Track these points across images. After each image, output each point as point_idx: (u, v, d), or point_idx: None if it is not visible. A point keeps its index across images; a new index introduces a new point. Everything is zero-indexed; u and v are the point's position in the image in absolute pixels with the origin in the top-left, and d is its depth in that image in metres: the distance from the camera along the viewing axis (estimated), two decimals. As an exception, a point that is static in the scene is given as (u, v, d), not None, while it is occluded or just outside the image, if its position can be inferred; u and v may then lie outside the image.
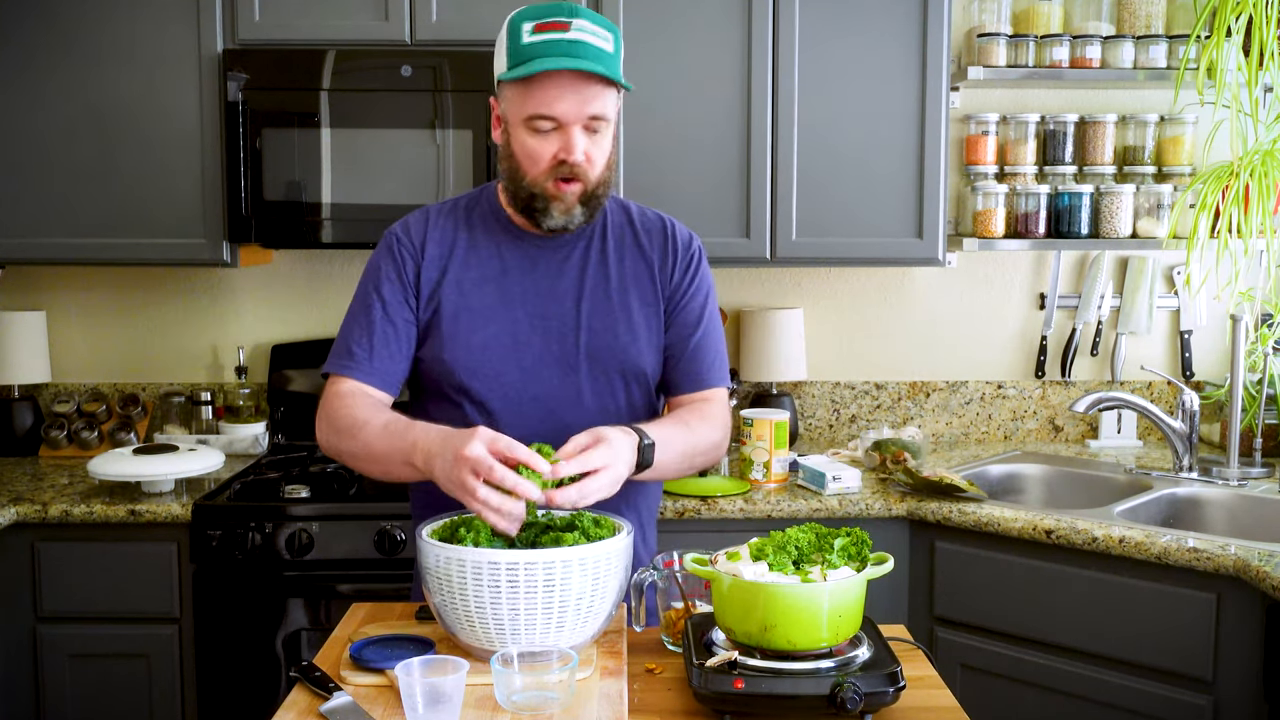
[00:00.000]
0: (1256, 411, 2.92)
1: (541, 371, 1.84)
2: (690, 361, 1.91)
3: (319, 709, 1.45)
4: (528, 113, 1.73)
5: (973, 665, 2.54)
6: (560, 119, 1.73)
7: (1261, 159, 2.80)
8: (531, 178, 1.77)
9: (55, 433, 3.06)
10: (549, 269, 1.86)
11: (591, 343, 1.85)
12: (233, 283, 3.26)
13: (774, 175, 2.88)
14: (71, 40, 2.82)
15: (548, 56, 1.70)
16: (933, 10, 2.84)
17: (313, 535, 2.57)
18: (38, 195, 2.86)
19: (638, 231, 1.92)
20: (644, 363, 1.89)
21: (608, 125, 1.77)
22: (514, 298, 1.85)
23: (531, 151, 1.75)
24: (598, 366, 1.86)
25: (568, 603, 1.49)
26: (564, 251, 1.87)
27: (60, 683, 2.63)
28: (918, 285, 3.31)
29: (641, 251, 1.91)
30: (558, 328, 1.85)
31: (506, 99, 1.77)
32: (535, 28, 1.72)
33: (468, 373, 1.83)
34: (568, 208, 1.78)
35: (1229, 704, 2.20)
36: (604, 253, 1.89)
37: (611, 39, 1.75)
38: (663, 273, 1.90)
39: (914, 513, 2.61)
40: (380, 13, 2.81)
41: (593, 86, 1.72)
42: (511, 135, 1.78)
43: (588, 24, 1.72)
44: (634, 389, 1.90)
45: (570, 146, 1.74)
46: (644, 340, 1.88)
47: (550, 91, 1.71)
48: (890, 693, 1.45)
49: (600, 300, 1.87)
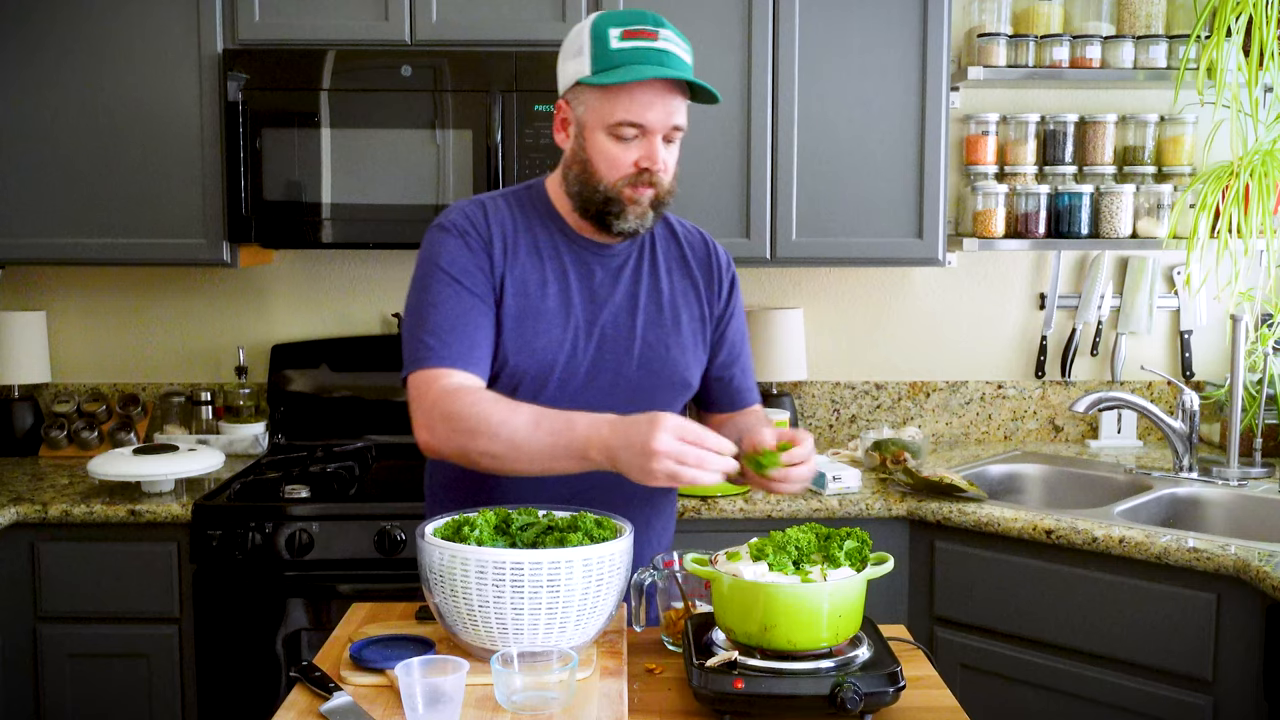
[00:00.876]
0: (1256, 411, 2.92)
1: (595, 379, 1.83)
2: (740, 380, 1.97)
3: (319, 709, 1.45)
4: (615, 119, 1.72)
5: (973, 665, 2.54)
6: (648, 127, 1.72)
7: (1261, 159, 2.80)
8: (609, 183, 1.76)
9: (55, 433, 3.06)
10: (606, 278, 1.85)
11: (644, 355, 1.85)
12: (233, 283, 3.26)
13: (774, 175, 2.88)
14: (71, 40, 2.82)
15: (642, 64, 1.69)
16: (933, 10, 2.84)
17: (313, 535, 2.57)
18: (38, 195, 2.86)
19: (683, 246, 1.93)
20: (691, 377, 1.91)
21: (681, 135, 1.79)
22: (575, 304, 1.83)
23: (613, 157, 1.74)
24: (649, 378, 1.86)
25: (570, 603, 1.49)
26: (618, 261, 1.86)
27: (60, 683, 2.63)
28: (918, 285, 3.31)
29: (688, 268, 1.92)
30: (613, 336, 1.84)
31: (586, 103, 1.75)
32: (625, 34, 1.70)
33: (523, 376, 1.80)
34: (642, 211, 1.77)
35: (1229, 704, 2.20)
36: (655, 265, 1.89)
37: (690, 51, 1.76)
38: (709, 292, 1.92)
39: (914, 513, 2.61)
40: (380, 13, 2.81)
41: (677, 98, 1.74)
42: (588, 140, 1.76)
43: (673, 34, 1.73)
44: (678, 402, 1.92)
45: (653, 155, 1.74)
46: (691, 355, 1.90)
47: (641, 99, 1.71)
48: (890, 693, 1.45)
49: (654, 313, 1.87)
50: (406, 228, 2.79)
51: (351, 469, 2.84)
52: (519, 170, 2.76)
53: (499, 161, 2.76)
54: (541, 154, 2.76)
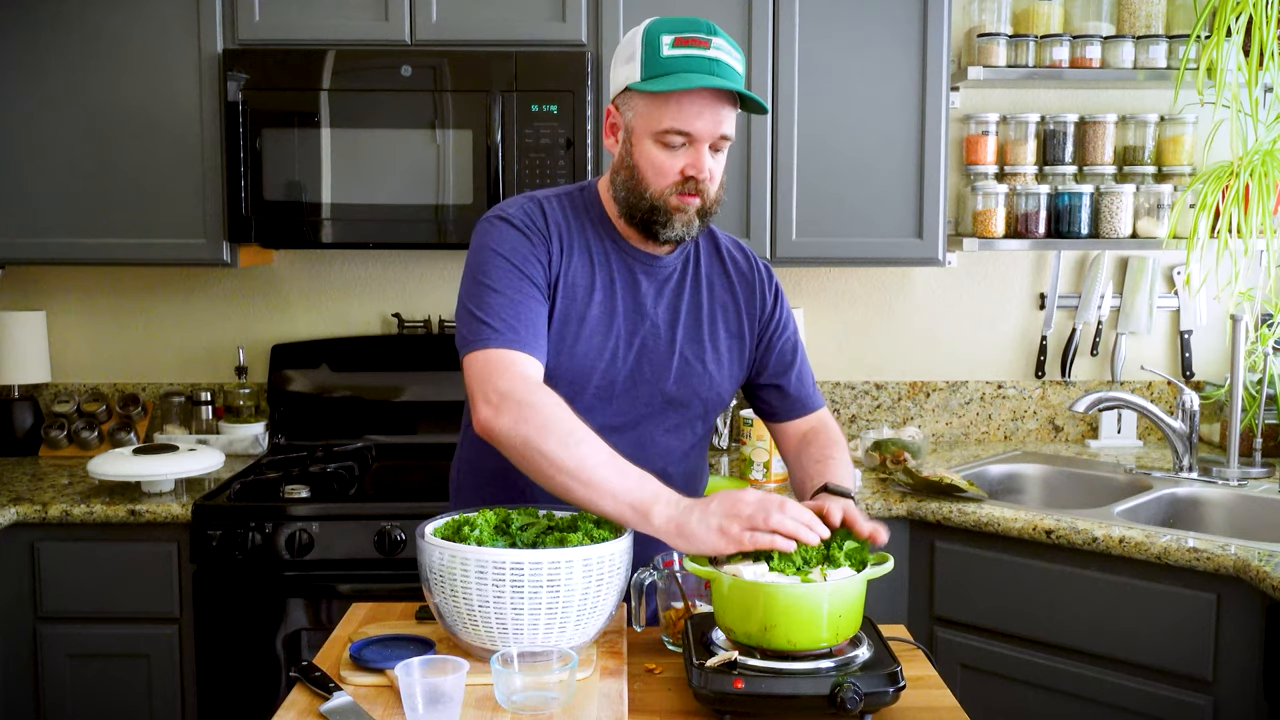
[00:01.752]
0: (1256, 411, 2.92)
1: (632, 390, 1.82)
2: (797, 388, 1.95)
3: (319, 709, 1.45)
4: (663, 126, 1.71)
5: (973, 665, 2.54)
6: (696, 136, 1.71)
7: (1261, 159, 2.80)
8: (656, 190, 1.74)
9: (55, 433, 3.06)
10: (650, 289, 1.84)
11: (681, 368, 1.84)
12: (233, 283, 3.26)
13: (774, 175, 2.88)
14: (71, 41, 2.82)
15: (693, 73, 1.68)
16: (933, 10, 2.84)
17: (313, 535, 2.57)
18: (38, 195, 2.86)
19: (725, 260, 1.91)
20: (724, 393, 1.90)
21: (728, 145, 1.78)
22: (618, 312, 1.82)
23: (659, 165, 1.73)
24: (684, 392, 1.85)
25: (570, 603, 1.49)
26: (664, 274, 1.85)
27: (60, 683, 2.63)
28: (918, 285, 3.31)
29: (729, 283, 1.90)
30: (652, 348, 1.83)
31: (635, 109, 1.74)
32: (677, 41, 1.69)
33: (562, 381, 1.78)
34: (689, 219, 1.76)
35: (1229, 704, 2.20)
36: (697, 280, 1.88)
37: (742, 60, 1.75)
38: (750, 306, 1.90)
39: (914, 513, 2.61)
40: (380, 13, 2.81)
41: (726, 107, 1.72)
42: (635, 146, 1.75)
43: (725, 43, 1.72)
44: (709, 417, 1.91)
45: (700, 164, 1.72)
46: (726, 372, 1.89)
47: (689, 108, 1.69)
48: (890, 693, 1.44)
49: (692, 327, 1.86)
50: (406, 228, 2.79)
51: (351, 469, 2.84)
52: (519, 170, 2.76)
53: (499, 161, 2.76)
54: (541, 154, 2.76)
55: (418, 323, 3.21)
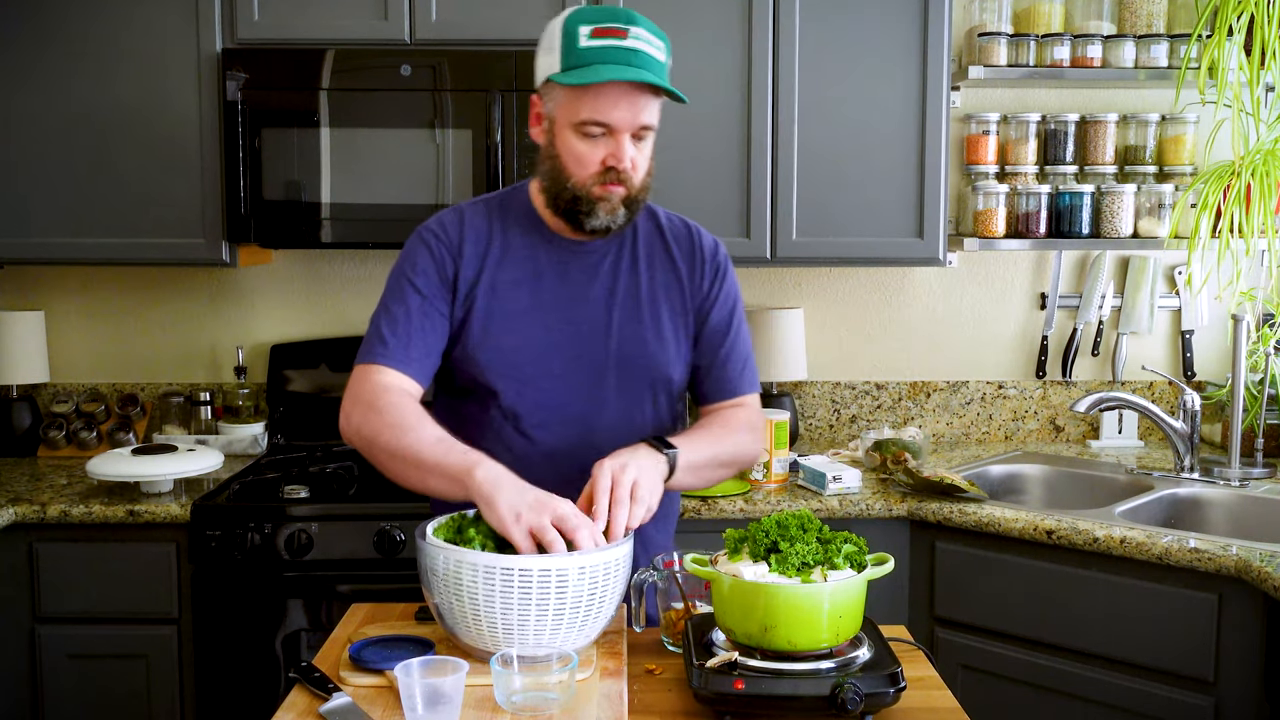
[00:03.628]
0: (1258, 412, 2.91)
1: (571, 377, 1.84)
2: (721, 370, 1.93)
3: (318, 710, 1.45)
4: (581, 117, 1.72)
5: (973, 666, 2.54)
6: (614, 126, 1.72)
7: (1263, 158, 2.80)
8: (577, 180, 1.76)
9: (54, 433, 3.05)
10: (581, 275, 1.86)
11: (621, 349, 1.85)
12: (232, 283, 3.25)
13: (774, 175, 2.87)
14: (70, 40, 2.81)
15: (608, 64, 1.69)
16: (933, 9, 2.83)
17: (312, 535, 2.57)
18: (36, 195, 2.85)
19: (666, 239, 1.92)
20: (672, 371, 1.89)
21: (652, 134, 1.78)
22: (547, 302, 1.84)
23: (580, 155, 1.75)
24: (627, 374, 1.86)
25: (577, 606, 1.49)
26: (596, 258, 1.87)
27: (59, 683, 2.63)
28: (918, 285, 3.30)
29: (671, 260, 1.91)
30: (589, 334, 1.84)
31: (556, 100, 1.76)
32: (594, 32, 1.70)
33: (498, 375, 1.82)
34: (612, 208, 1.77)
35: (1230, 705, 2.20)
36: (635, 260, 1.88)
37: (664, 48, 1.75)
38: (691, 282, 1.91)
39: (914, 513, 2.60)
40: (380, 12, 2.81)
41: (646, 96, 1.73)
42: (557, 136, 1.77)
43: (645, 32, 1.72)
44: (661, 398, 1.90)
45: (620, 154, 1.74)
46: (673, 349, 1.89)
47: (606, 99, 1.71)
48: (891, 693, 1.44)
49: (631, 308, 1.86)
50: (406, 228, 2.74)
51: (351, 469, 2.83)
52: (519, 170, 2.76)
53: (499, 161, 2.76)
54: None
55: (417, 323, 3.21)
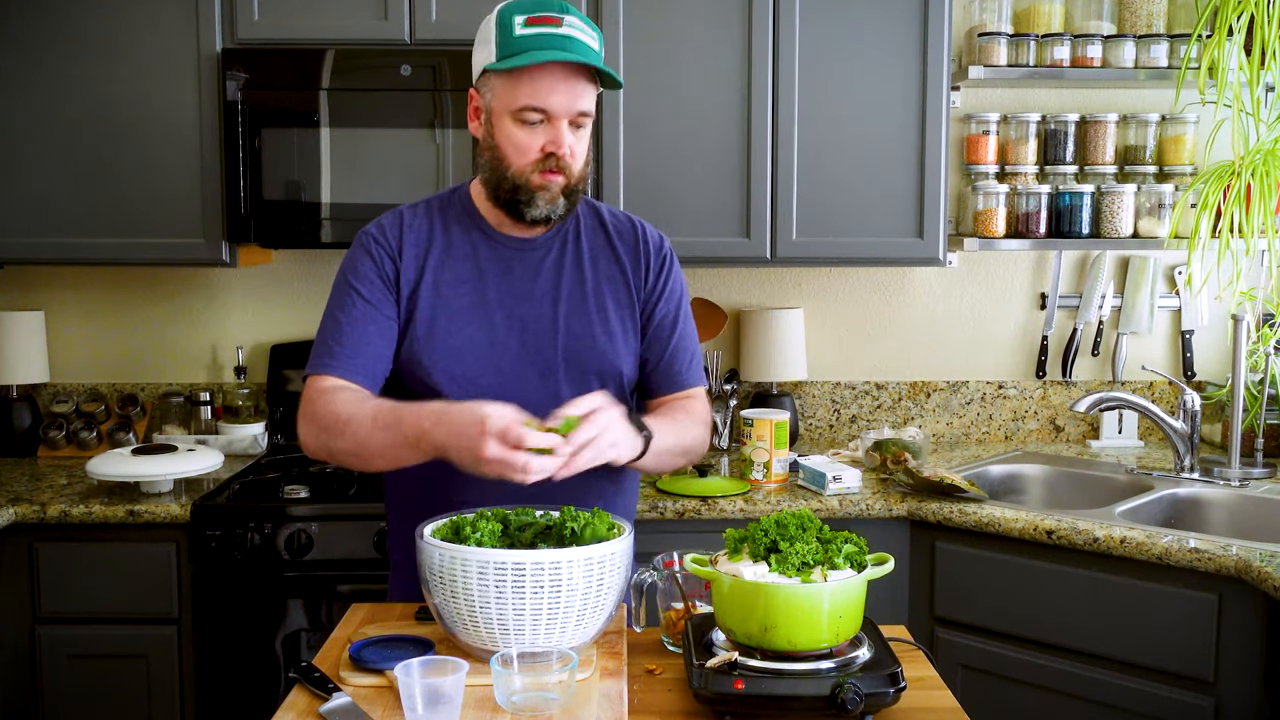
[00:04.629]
0: (1258, 412, 2.91)
1: (519, 375, 1.84)
2: (670, 363, 1.93)
3: (318, 710, 1.45)
4: (519, 104, 1.74)
5: (973, 666, 2.54)
6: (551, 112, 1.74)
7: (1263, 158, 2.80)
8: (517, 169, 1.77)
9: (54, 433, 3.05)
10: (525, 271, 1.86)
11: (569, 345, 1.85)
12: (232, 283, 3.25)
13: (774, 175, 2.87)
14: (70, 40, 2.81)
15: (542, 49, 1.71)
16: (933, 9, 2.83)
17: (312, 535, 2.57)
18: (37, 195, 2.85)
19: (610, 234, 1.92)
20: (621, 365, 1.89)
21: (589, 122, 1.80)
22: (491, 300, 1.85)
23: (519, 143, 1.76)
24: (575, 369, 1.86)
25: (570, 603, 1.48)
26: (539, 254, 1.87)
27: (59, 683, 2.63)
28: (918, 285, 3.30)
29: (615, 254, 1.91)
30: (534, 330, 1.85)
31: (493, 90, 1.77)
32: (528, 20, 1.73)
33: (445, 375, 1.82)
34: (552, 197, 1.78)
35: (1230, 705, 2.20)
36: (579, 255, 1.89)
37: (598, 39, 1.78)
38: (636, 276, 1.91)
39: (914, 513, 2.60)
40: (380, 12, 2.81)
41: (582, 83, 1.75)
42: (495, 127, 1.78)
43: (578, 21, 1.75)
44: (612, 392, 1.88)
45: (559, 140, 1.75)
46: (620, 342, 1.89)
47: (543, 84, 1.73)
48: (891, 693, 1.44)
49: (577, 303, 1.87)
50: None
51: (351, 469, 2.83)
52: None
53: (499, 161, 2.76)
54: (541, 153, 2.76)
55: (417, 323, 3.21)
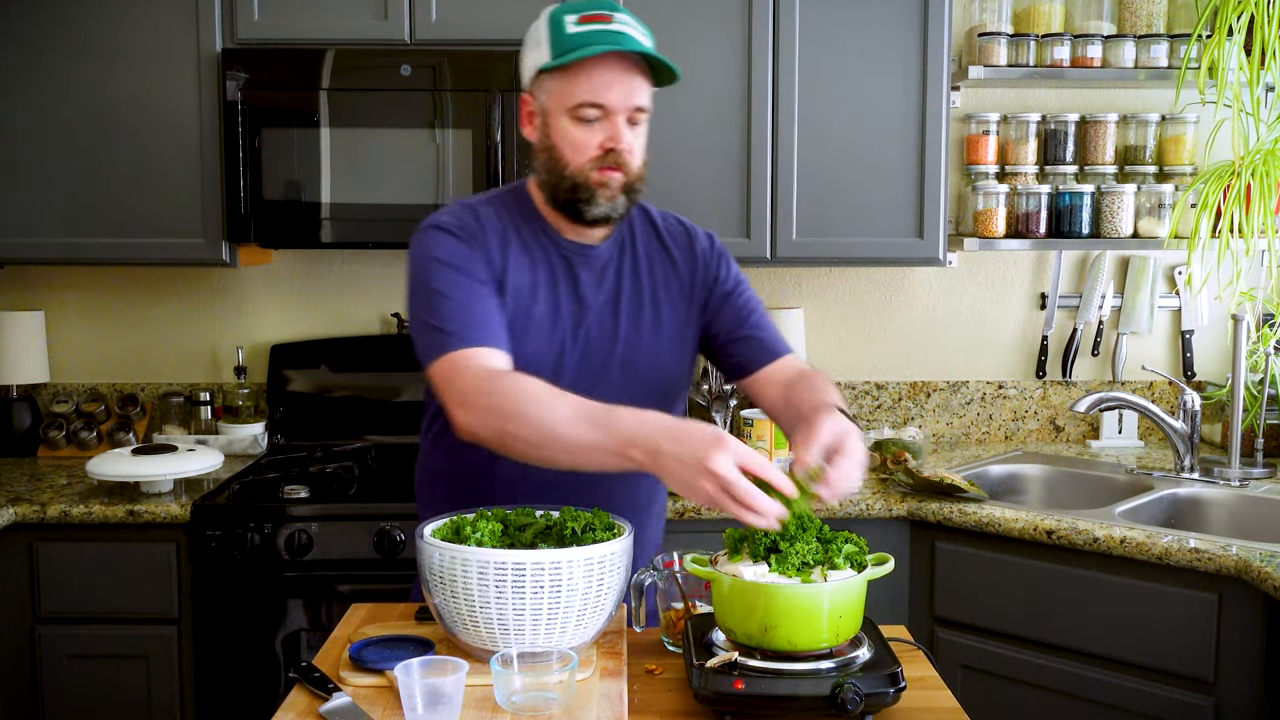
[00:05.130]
0: (1258, 412, 2.91)
1: (578, 383, 1.80)
2: (758, 335, 1.90)
3: (318, 710, 1.45)
4: (575, 100, 1.72)
5: (973, 666, 2.53)
6: (608, 107, 1.72)
7: (1263, 158, 2.80)
8: (575, 167, 1.75)
9: (54, 433, 3.05)
10: (590, 280, 1.84)
11: (627, 354, 1.84)
12: (232, 283, 3.25)
13: (774, 175, 2.87)
14: (70, 40, 2.81)
15: (598, 43, 1.69)
16: (933, 9, 2.83)
17: (312, 535, 2.57)
18: (37, 195, 2.85)
19: (664, 238, 1.91)
20: (676, 373, 1.89)
21: (646, 119, 1.78)
22: (560, 308, 1.82)
23: (576, 141, 1.74)
24: (632, 378, 1.84)
25: (570, 603, 1.48)
26: (600, 262, 1.85)
27: (59, 683, 2.63)
28: (918, 285, 3.30)
29: (670, 260, 1.90)
30: (596, 339, 1.83)
31: (548, 90, 1.76)
32: (580, 19, 1.72)
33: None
34: (612, 194, 1.75)
35: (1230, 705, 2.20)
36: (636, 263, 1.87)
37: (648, 35, 1.76)
38: (693, 279, 1.90)
39: (914, 513, 2.60)
40: (380, 12, 2.81)
41: (638, 78, 1.73)
42: (552, 127, 1.76)
43: (629, 19, 1.74)
44: (666, 399, 1.89)
45: (617, 135, 1.73)
46: (676, 350, 1.88)
47: (599, 79, 1.71)
48: (891, 693, 1.44)
49: (635, 312, 1.85)
50: (406, 227, 2.74)
51: (351, 469, 2.83)
52: (519, 170, 2.76)
53: (499, 161, 2.76)
54: (541, 153, 2.76)
55: (417, 323, 3.21)
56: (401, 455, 3.02)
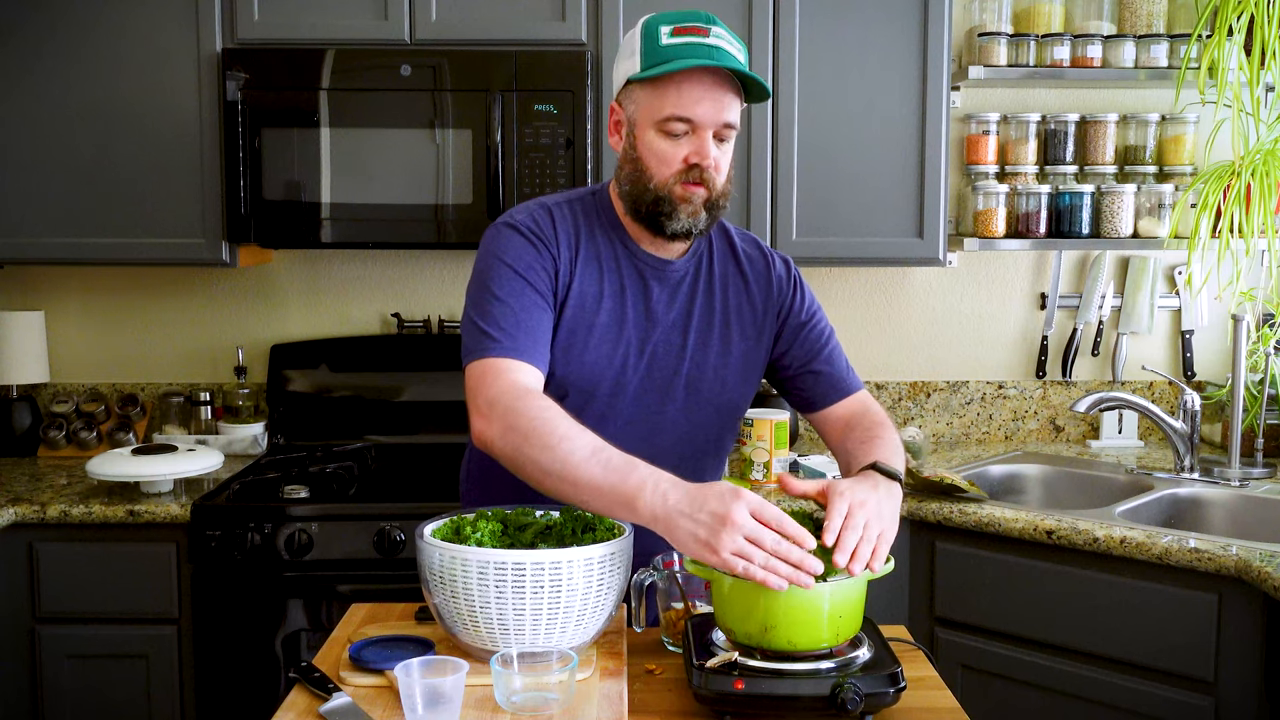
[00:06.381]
0: (1258, 412, 2.91)
1: (641, 398, 1.80)
2: (829, 372, 1.90)
3: (318, 710, 1.45)
4: (664, 114, 1.70)
5: (973, 666, 2.54)
6: (697, 121, 1.69)
7: (1263, 158, 2.80)
8: (659, 180, 1.72)
9: (54, 433, 3.05)
10: (662, 295, 1.82)
11: (692, 374, 1.82)
12: (232, 283, 3.25)
13: (774, 174, 2.87)
14: (70, 40, 2.81)
15: (691, 57, 1.67)
16: (933, 9, 2.83)
17: (312, 535, 2.57)
18: (37, 195, 2.85)
19: (740, 262, 1.89)
20: (739, 398, 1.88)
21: (734, 135, 1.75)
22: (628, 320, 1.80)
23: (662, 154, 1.71)
24: (695, 398, 1.83)
25: (571, 603, 1.48)
26: (675, 278, 1.83)
27: (59, 683, 2.63)
28: (918, 285, 3.30)
29: (745, 284, 1.88)
30: (663, 355, 1.81)
31: (637, 101, 1.73)
32: (674, 30, 1.69)
33: (570, 387, 1.77)
34: (694, 210, 1.73)
35: (1230, 705, 2.20)
36: (710, 282, 1.85)
37: (742, 50, 1.74)
38: (766, 306, 1.88)
39: (914, 513, 2.60)
40: (380, 12, 2.81)
41: (729, 94, 1.71)
42: (639, 138, 1.74)
43: (725, 32, 1.71)
44: (724, 422, 1.88)
45: (704, 150, 1.70)
46: (741, 375, 1.87)
47: (689, 94, 1.68)
48: (891, 693, 1.44)
49: (704, 332, 1.84)
50: (406, 227, 2.79)
51: (351, 469, 2.83)
52: (519, 170, 2.76)
53: (499, 161, 2.76)
54: (541, 154, 2.76)
55: (417, 323, 3.21)
56: (402, 455, 3.03)
